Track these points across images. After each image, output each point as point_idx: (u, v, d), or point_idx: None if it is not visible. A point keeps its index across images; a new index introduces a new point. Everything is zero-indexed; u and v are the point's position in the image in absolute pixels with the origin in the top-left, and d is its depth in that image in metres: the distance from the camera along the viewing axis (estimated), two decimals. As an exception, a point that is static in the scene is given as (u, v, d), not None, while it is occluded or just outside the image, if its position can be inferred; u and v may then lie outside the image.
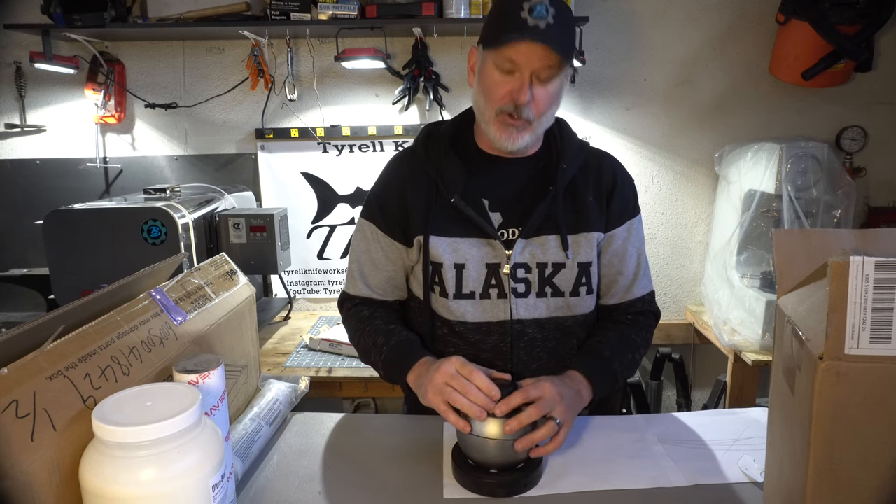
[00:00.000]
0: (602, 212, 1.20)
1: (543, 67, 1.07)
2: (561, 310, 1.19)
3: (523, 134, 1.12)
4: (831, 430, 0.59)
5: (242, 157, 2.54)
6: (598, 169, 1.22)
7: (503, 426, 0.92)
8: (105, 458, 0.62)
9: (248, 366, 1.12)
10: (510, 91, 1.09)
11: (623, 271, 1.24)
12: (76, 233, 1.88)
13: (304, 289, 2.63)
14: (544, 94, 1.10)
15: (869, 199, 2.52)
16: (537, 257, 1.16)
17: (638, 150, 2.53)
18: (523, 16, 1.04)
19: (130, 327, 0.79)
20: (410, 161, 1.24)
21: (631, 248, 1.24)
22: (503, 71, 1.09)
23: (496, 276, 1.16)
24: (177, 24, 2.20)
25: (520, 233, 1.16)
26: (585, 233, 1.18)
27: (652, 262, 2.60)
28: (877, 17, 2.13)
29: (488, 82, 1.11)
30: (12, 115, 2.47)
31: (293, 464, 1.02)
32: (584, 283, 1.19)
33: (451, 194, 1.15)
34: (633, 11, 2.41)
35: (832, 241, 0.69)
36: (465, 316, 1.18)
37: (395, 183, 1.23)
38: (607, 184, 1.22)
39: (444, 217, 1.16)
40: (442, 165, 1.17)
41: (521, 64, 1.07)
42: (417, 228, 1.18)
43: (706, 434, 1.09)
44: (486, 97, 1.12)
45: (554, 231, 1.16)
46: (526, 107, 1.09)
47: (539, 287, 1.17)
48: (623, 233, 1.22)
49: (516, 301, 1.17)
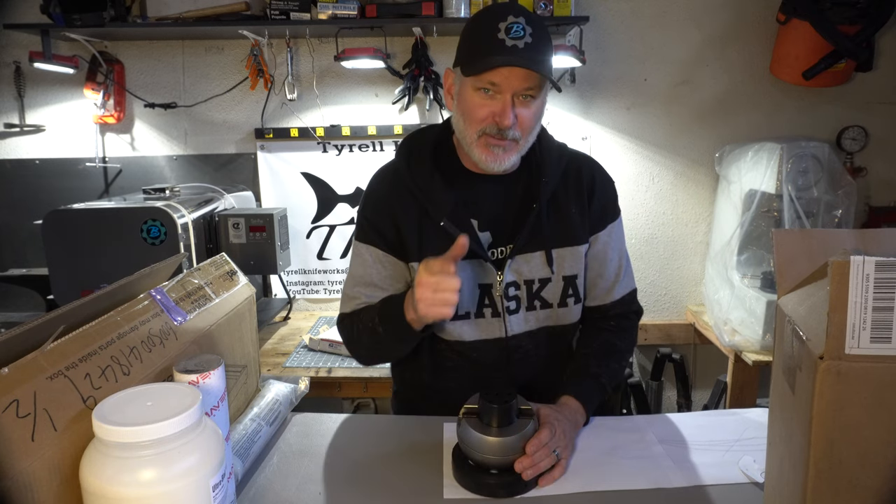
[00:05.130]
0: (585, 220, 1.21)
1: (525, 88, 1.06)
2: (549, 319, 1.22)
3: (510, 154, 1.11)
4: (831, 430, 0.59)
5: (242, 157, 2.54)
6: (577, 176, 1.22)
7: (517, 463, 0.93)
8: (105, 458, 0.62)
9: (248, 366, 1.12)
10: (492, 113, 1.07)
11: (604, 274, 1.24)
12: (76, 233, 1.88)
13: (303, 289, 2.63)
14: (527, 114, 1.09)
15: (869, 199, 2.52)
16: (524, 274, 1.18)
17: (638, 150, 2.53)
18: (500, 37, 1.03)
19: (131, 327, 0.79)
20: (395, 181, 1.20)
21: (612, 251, 1.24)
22: (483, 93, 1.07)
23: (489, 296, 1.18)
24: (176, 24, 2.20)
25: (509, 252, 1.17)
26: (571, 247, 1.19)
27: (652, 262, 2.61)
28: (877, 17, 2.13)
29: (469, 105, 1.09)
30: (12, 115, 2.47)
31: (293, 464, 1.02)
32: (571, 294, 1.21)
33: (441, 218, 1.13)
34: (633, 11, 2.41)
35: (832, 241, 0.69)
36: (462, 336, 1.19)
37: (384, 205, 1.20)
38: (587, 189, 1.22)
39: (435, 241, 1.14)
40: (428, 188, 1.15)
41: (502, 86, 1.06)
42: (412, 254, 1.18)
43: (706, 434, 1.09)
44: (467, 120, 1.11)
45: (539, 247, 1.17)
46: (510, 128, 1.08)
47: (528, 301, 1.20)
48: (605, 237, 1.23)
49: (510, 318, 1.19)
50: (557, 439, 0.97)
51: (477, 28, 1.09)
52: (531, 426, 0.96)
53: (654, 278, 2.63)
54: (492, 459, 0.94)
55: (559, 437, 0.98)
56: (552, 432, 0.97)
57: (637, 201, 2.56)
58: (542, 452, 0.94)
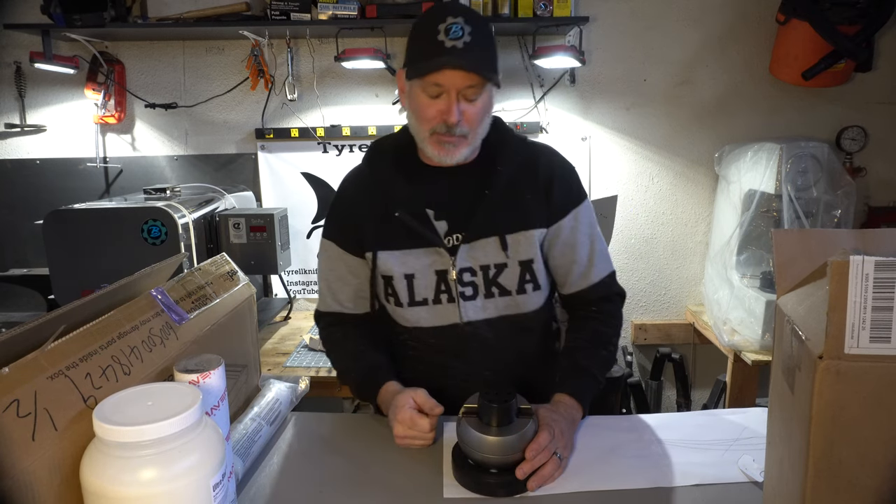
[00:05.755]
0: (542, 207, 1.22)
1: (467, 86, 1.11)
2: (510, 308, 1.23)
3: (460, 148, 1.16)
4: (831, 430, 0.59)
5: (242, 157, 2.54)
6: (533, 165, 1.24)
7: (518, 469, 0.93)
8: (106, 458, 0.62)
9: (248, 366, 1.12)
10: (440, 112, 1.13)
11: (576, 259, 1.25)
12: (76, 233, 1.88)
13: (304, 289, 2.63)
14: (473, 110, 1.14)
15: (869, 199, 2.52)
16: (479, 260, 1.20)
17: (638, 150, 2.52)
18: (440, 38, 1.08)
19: (131, 327, 0.79)
20: (358, 179, 1.29)
21: (580, 235, 1.25)
22: (430, 94, 1.13)
23: (444, 282, 1.21)
24: (177, 24, 2.20)
25: (462, 238, 1.19)
26: (524, 231, 1.20)
27: (652, 261, 2.61)
28: (877, 17, 2.13)
29: (418, 105, 1.15)
30: (12, 115, 2.47)
31: (293, 464, 1.02)
32: (529, 279, 1.22)
33: (396, 209, 1.19)
34: (633, 11, 2.41)
35: (832, 241, 0.69)
36: (419, 322, 1.23)
37: (346, 201, 1.28)
38: (544, 178, 1.23)
39: (391, 231, 1.20)
40: (386, 182, 1.22)
41: (445, 86, 1.11)
42: (368, 245, 1.23)
43: (706, 434, 1.09)
44: (417, 119, 1.16)
45: (493, 233, 1.19)
46: (457, 125, 1.12)
47: (486, 288, 1.21)
48: (570, 222, 1.24)
49: (465, 304, 1.21)
50: (557, 440, 0.98)
51: (418, 30, 1.15)
52: (531, 426, 0.96)
53: (653, 278, 2.63)
54: (491, 459, 0.94)
55: (558, 438, 0.98)
56: (551, 434, 0.97)
57: (637, 201, 2.56)
58: (542, 456, 0.95)
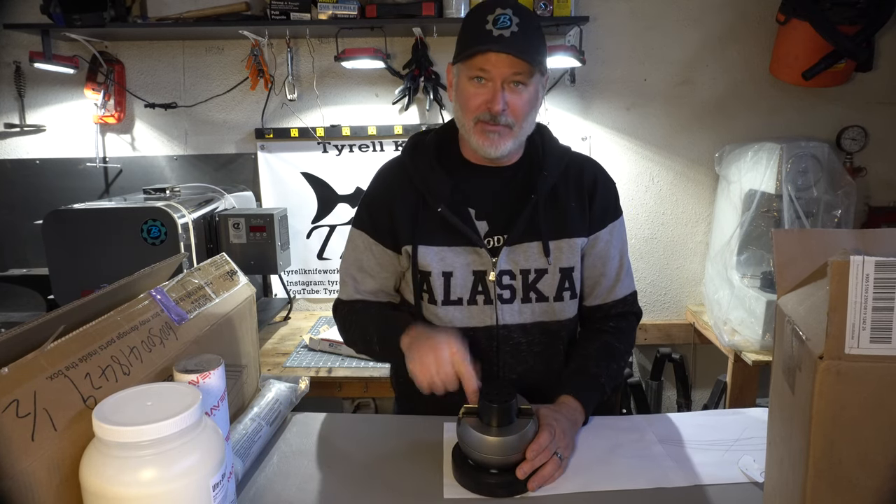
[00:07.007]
0: (584, 216, 1.23)
1: (513, 74, 1.11)
2: (545, 314, 1.23)
3: (505, 140, 1.16)
4: (831, 430, 0.59)
5: (242, 157, 2.54)
6: (579, 174, 1.25)
7: (518, 469, 0.93)
8: (105, 458, 0.62)
9: (248, 366, 1.12)
10: (485, 101, 1.13)
11: (606, 273, 1.26)
12: (76, 233, 1.88)
13: (303, 289, 2.63)
14: (518, 100, 1.14)
15: (869, 199, 2.51)
16: (520, 264, 1.20)
17: (638, 150, 2.53)
18: (488, 28, 1.09)
19: (131, 327, 0.79)
20: (398, 172, 1.27)
21: (613, 250, 1.26)
22: (476, 82, 1.13)
23: (482, 283, 1.20)
24: (176, 24, 2.20)
25: (504, 240, 1.19)
26: (567, 238, 1.21)
27: (652, 262, 2.61)
28: (877, 17, 2.12)
29: (464, 94, 1.16)
30: (12, 115, 2.47)
31: (293, 464, 1.02)
32: (568, 287, 1.22)
33: (438, 204, 1.18)
34: (633, 11, 2.41)
35: (832, 241, 0.69)
36: (452, 321, 1.22)
37: (383, 194, 1.27)
38: (588, 188, 1.24)
39: (431, 227, 1.20)
40: (428, 177, 1.21)
41: (491, 73, 1.11)
42: (405, 238, 1.22)
43: (706, 434, 1.09)
44: (463, 109, 1.17)
45: (536, 238, 1.20)
46: (502, 114, 1.13)
47: (524, 293, 1.21)
48: (606, 235, 1.25)
49: (502, 307, 1.21)
50: (557, 440, 0.98)
51: (468, 20, 1.16)
52: (531, 426, 0.96)
53: (653, 278, 2.63)
54: (492, 459, 0.94)
55: (559, 438, 0.98)
56: (551, 434, 0.97)
57: (637, 201, 2.56)
58: (543, 456, 0.95)
